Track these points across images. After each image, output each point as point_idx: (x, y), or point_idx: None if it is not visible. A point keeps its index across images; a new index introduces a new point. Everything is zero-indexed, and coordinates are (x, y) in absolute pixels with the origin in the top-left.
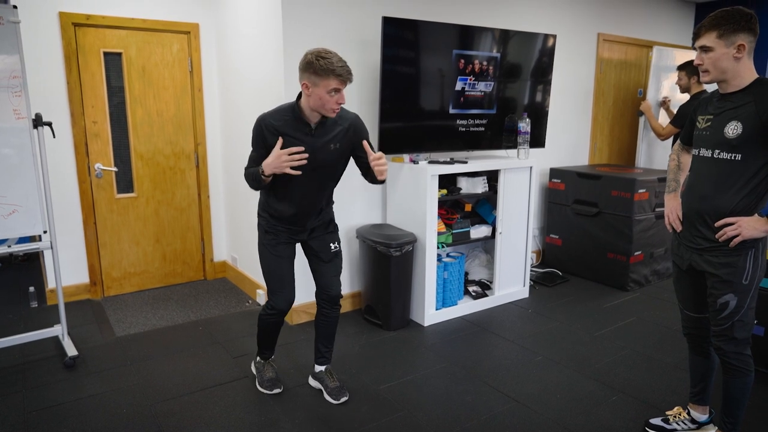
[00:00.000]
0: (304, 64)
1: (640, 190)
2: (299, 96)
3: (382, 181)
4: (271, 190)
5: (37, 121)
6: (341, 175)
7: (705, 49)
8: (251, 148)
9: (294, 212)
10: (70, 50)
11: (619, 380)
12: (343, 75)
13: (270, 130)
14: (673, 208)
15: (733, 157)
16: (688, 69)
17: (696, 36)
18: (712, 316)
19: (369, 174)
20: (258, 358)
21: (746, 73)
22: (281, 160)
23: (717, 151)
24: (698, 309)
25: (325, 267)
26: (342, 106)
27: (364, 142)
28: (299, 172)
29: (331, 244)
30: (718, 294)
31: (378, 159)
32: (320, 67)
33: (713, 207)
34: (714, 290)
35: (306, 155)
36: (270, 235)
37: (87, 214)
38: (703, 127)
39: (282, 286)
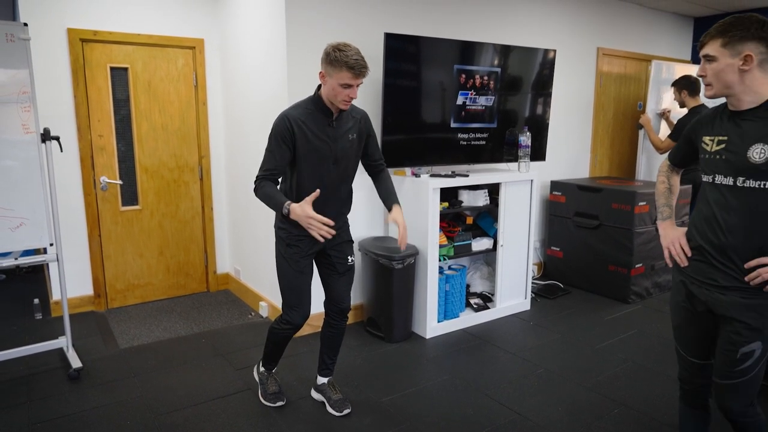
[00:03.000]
0: (324, 54)
1: (641, 203)
2: (318, 87)
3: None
4: (296, 187)
5: (45, 136)
6: (356, 169)
7: (708, 59)
8: (267, 149)
9: (320, 209)
10: (77, 65)
11: (620, 393)
12: (356, 68)
13: (297, 122)
14: (674, 238)
15: (762, 185)
16: (678, 84)
17: (701, 44)
18: (723, 368)
19: (372, 166)
20: (262, 369)
21: (762, 87)
22: (312, 223)
23: (741, 178)
24: (705, 355)
25: (339, 279)
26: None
27: (396, 216)
28: (322, 240)
29: (349, 257)
30: (742, 342)
31: (404, 233)
32: (335, 58)
33: (743, 243)
34: (736, 337)
35: (333, 232)
36: (292, 249)
37: (92, 227)
38: (714, 150)
39: (300, 302)
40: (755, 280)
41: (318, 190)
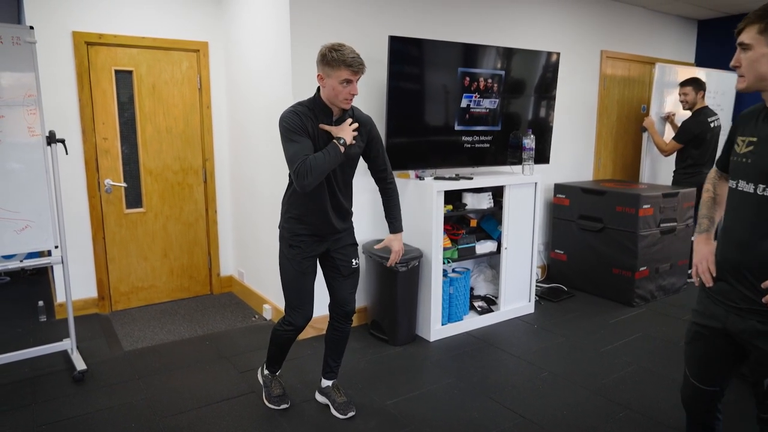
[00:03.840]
0: (319, 56)
1: (645, 206)
2: (318, 90)
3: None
4: (300, 195)
5: (51, 138)
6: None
7: (744, 47)
8: (289, 141)
9: (324, 211)
10: (82, 68)
11: (625, 396)
12: (354, 65)
13: (305, 118)
14: (704, 256)
15: None
16: (694, 84)
17: (737, 31)
18: (759, 398)
19: (377, 174)
20: (266, 371)
21: None
22: (350, 131)
23: (762, 186)
24: (712, 382)
25: (344, 282)
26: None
27: (394, 242)
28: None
29: (353, 260)
30: (767, 373)
31: (395, 258)
32: (332, 58)
33: (756, 259)
34: (760, 367)
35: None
36: (295, 250)
37: (96, 229)
38: (743, 152)
39: (302, 303)
40: None
41: (353, 122)
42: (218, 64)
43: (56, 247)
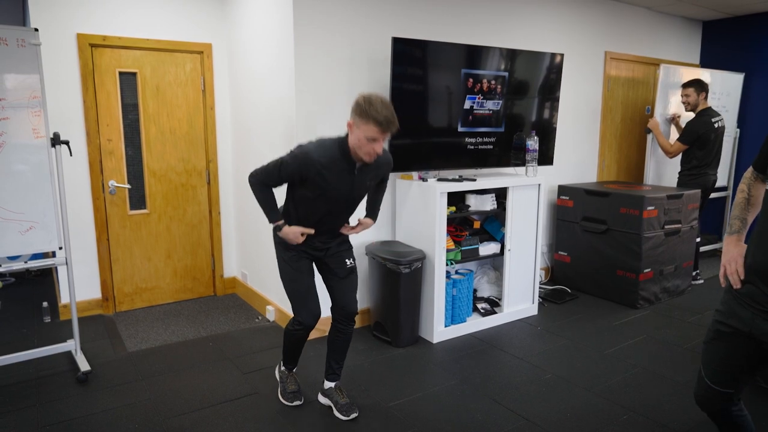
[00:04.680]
0: (354, 104)
1: (649, 207)
2: (347, 136)
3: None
4: (298, 209)
5: (55, 140)
6: None
7: None
8: (275, 165)
9: (319, 230)
10: (86, 70)
11: (629, 399)
12: (383, 125)
13: (313, 168)
14: (733, 257)
15: None
16: (696, 85)
17: None
18: None
19: (369, 201)
20: (282, 368)
21: None
22: (296, 239)
23: None
24: (726, 384)
25: (342, 283)
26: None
27: (364, 221)
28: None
29: (347, 260)
30: None
31: (356, 230)
32: (364, 111)
33: None
34: None
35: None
36: (291, 252)
37: (100, 231)
38: None
39: (306, 301)
40: None
41: (313, 230)
42: (222, 65)
43: (60, 248)
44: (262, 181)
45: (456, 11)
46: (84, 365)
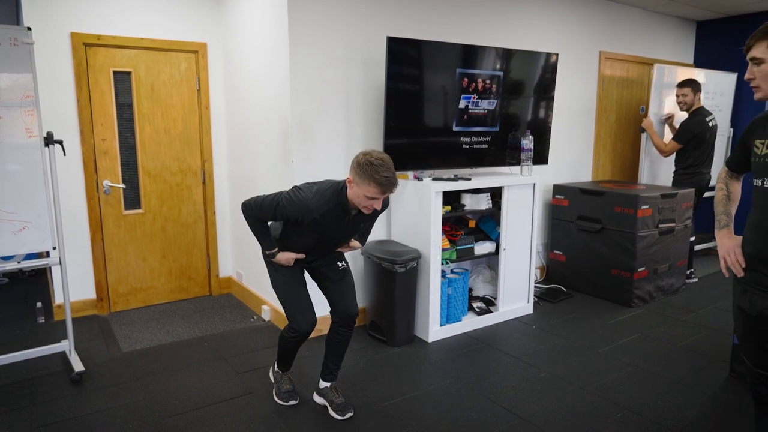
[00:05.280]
0: (354, 162)
1: (643, 207)
2: (346, 186)
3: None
4: (290, 237)
5: (49, 140)
6: None
7: (756, 62)
8: (270, 203)
9: (308, 252)
10: (80, 69)
11: (624, 397)
12: (385, 187)
13: (310, 216)
14: (730, 248)
15: None
16: (693, 85)
17: (747, 47)
18: None
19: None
20: (276, 369)
21: None
22: (288, 264)
23: None
24: (765, 365)
25: (338, 286)
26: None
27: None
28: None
29: (338, 263)
30: None
31: (348, 249)
32: (365, 172)
33: None
34: None
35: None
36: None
37: (95, 230)
38: (765, 153)
39: (301, 308)
40: None
41: (304, 255)
42: (217, 65)
43: (54, 248)
44: (256, 216)
45: (451, 11)
46: (78, 366)
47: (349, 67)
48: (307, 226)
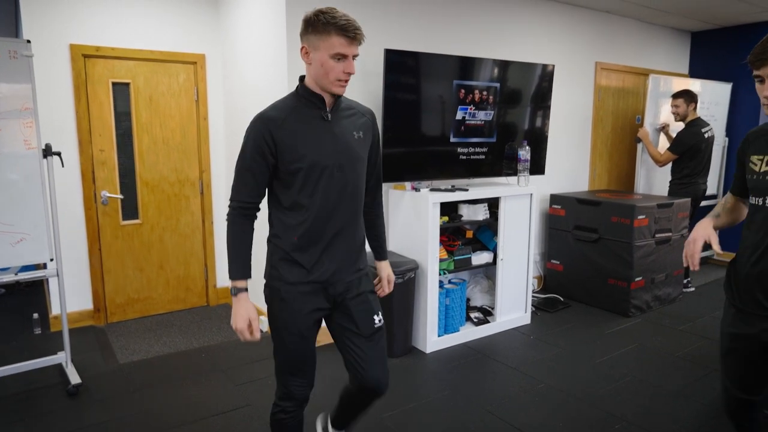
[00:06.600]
0: (303, 24)
1: (640, 216)
2: (301, 79)
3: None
4: (288, 216)
5: (47, 151)
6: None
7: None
8: (239, 168)
9: (322, 247)
10: (79, 81)
11: (622, 408)
12: (349, 31)
13: (276, 124)
14: (693, 238)
15: None
16: (686, 96)
17: (765, 61)
18: None
19: (367, 186)
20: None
21: None
22: (245, 327)
23: None
24: (752, 390)
25: (368, 347)
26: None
27: (386, 270)
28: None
29: (375, 317)
30: None
31: (386, 287)
32: (319, 21)
33: None
34: None
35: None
36: (289, 308)
37: (92, 241)
38: (764, 170)
39: (303, 372)
40: None
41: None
42: (215, 75)
43: (52, 259)
44: (237, 208)
45: (448, 23)
46: (74, 378)
47: None
48: (290, 162)
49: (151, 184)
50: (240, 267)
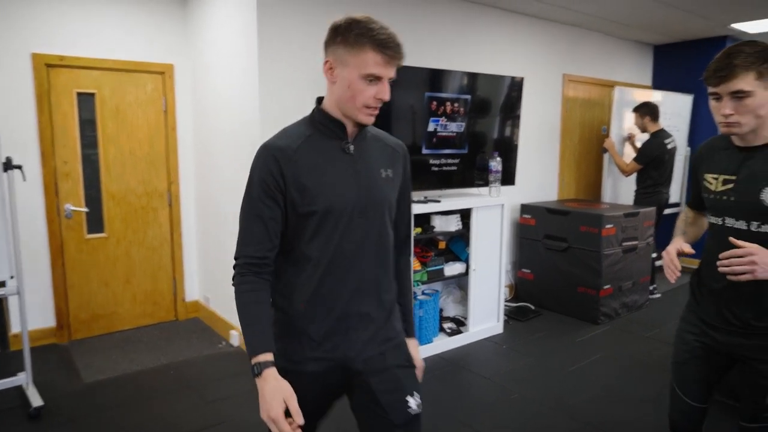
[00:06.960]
0: (331, 32)
1: (608, 226)
2: (319, 101)
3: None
4: (301, 271)
5: (8, 165)
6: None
7: (740, 95)
8: (245, 212)
9: (342, 305)
10: (42, 91)
11: (596, 417)
12: (388, 48)
13: (284, 156)
14: (668, 250)
15: None
16: (641, 110)
17: (723, 78)
18: (752, 414)
19: (396, 230)
20: None
21: None
22: (281, 415)
23: (756, 223)
24: (705, 398)
25: None
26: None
27: (417, 357)
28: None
29: (410, 398)
30: None
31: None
32: (353, 32)
33: (756, 290)
34: (763, 381)
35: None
36: (291, 376)
37: (55, 256)
38: (720, 189)
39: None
40: (729, 270)
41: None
42: (184, 86)
43: (12, 277)
44: (245, 265)
45: (420, 35)
46: (36, 400)
47: (320, 88)
48: (304, 201)
49: (117, 196)
50: (260, 337)
